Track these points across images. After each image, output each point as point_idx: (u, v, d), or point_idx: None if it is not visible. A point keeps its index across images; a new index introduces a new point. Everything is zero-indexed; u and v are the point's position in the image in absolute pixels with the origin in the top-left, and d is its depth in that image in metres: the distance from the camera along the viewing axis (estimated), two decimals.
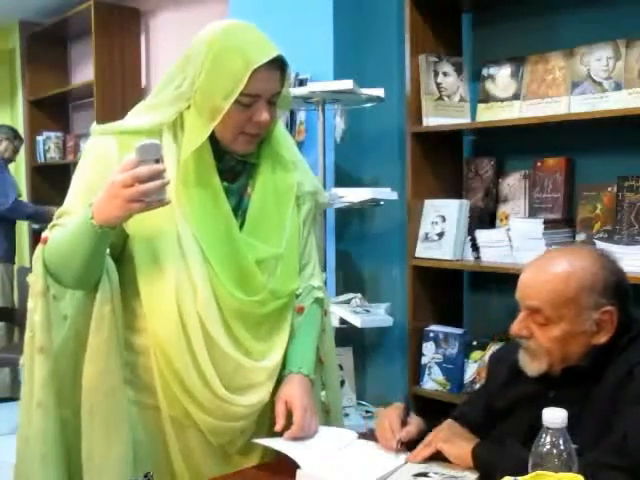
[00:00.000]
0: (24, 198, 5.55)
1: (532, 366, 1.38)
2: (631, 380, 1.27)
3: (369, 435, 1.53)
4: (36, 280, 1.39)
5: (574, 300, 1.33)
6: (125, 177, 1.26)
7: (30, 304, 1.40)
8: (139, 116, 1.49)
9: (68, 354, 1.43)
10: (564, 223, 2.35)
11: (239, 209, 1.50)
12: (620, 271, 1.40)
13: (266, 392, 1.50)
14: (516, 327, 1.39)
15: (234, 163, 1.50)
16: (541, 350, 1.36)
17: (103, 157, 1.43)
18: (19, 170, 5.66)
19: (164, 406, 1.45)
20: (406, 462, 1.38)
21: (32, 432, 1.39)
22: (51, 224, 1.42)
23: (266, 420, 1.53)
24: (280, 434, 1.46)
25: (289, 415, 1.47)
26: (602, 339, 1.34)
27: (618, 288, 1.37)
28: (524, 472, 1.03)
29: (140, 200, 1.27)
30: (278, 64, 1.42)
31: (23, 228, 5.62)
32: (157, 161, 1.27)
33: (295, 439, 1.44)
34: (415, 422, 1.47)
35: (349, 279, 3.10)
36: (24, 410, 1.41)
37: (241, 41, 1.40)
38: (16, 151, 4.91)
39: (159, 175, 1.27)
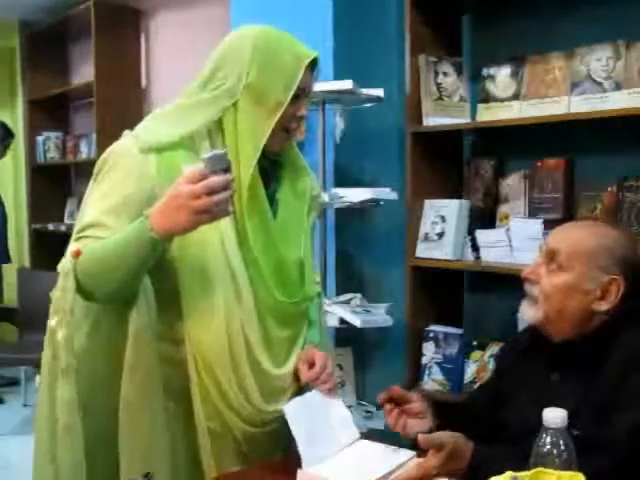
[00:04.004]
0: (23, 198, 5.55)
1: (529, 312, 1.43)
2: (633, 370, 1.29)
3: (369, 435, 1.53)
4: (64, 296, 1.33)
5: (591, 254, 1.38)
6: (196, 189, 1.23)
7: (52, 322, 1.34)
8: (173, 123, 1.44)
9: (87, 368, 1.39)
10: (564, 223, 2.35)
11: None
12: None
13: (290, 394, 1.53)
14: (528, 270, 1.45)
15: (267, 165, 1.50)
16: (542, 296, 1.40)
17: (143, 175, 1.38)
18: (19, 170, 5.67)
19: (200, 415, 1.43)
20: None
21: (60, 460, 1.34)
22: (77, 236, 1.36)
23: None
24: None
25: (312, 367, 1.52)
26: (602, 307, 1.37)
27: (634, 269, 1.40)
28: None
29: (209, 211, 1.25)
30: (312, 65, 1.49)
31: (23, 228, 5.62)
32: (225, 171, 1.26)
33: (311, 417, 1.44)
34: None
35: (349, 279, 3.10)
36: (44, 435, 1.36)
37: (285, 40, 1.47)
38: (7, 147, 4.88)
39: (229, 185, 1.26)
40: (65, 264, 1.34)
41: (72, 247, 1.34)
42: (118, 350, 1.38)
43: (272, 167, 1.53)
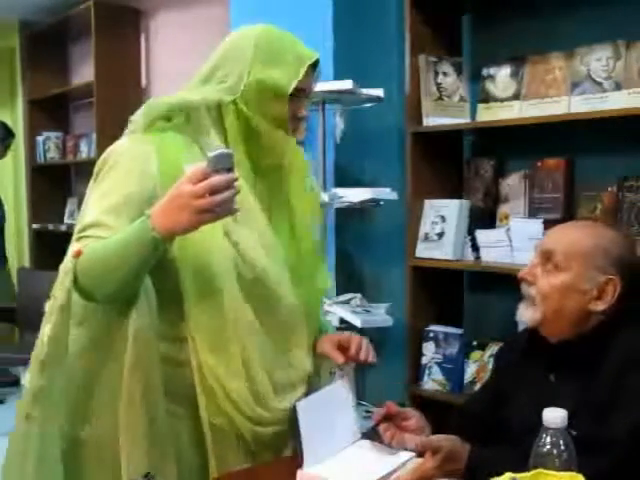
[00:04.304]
0: (23, 198, 5.55)
1: (527, 313, 1.43)
2: (630, 370, 1.29)
3: (370, 435, 1.53)
4: (60, 294, 1.33)
5: (587, 255, 1.38)
6: (198, 188, 1.22)
7: (46, 316, 1.34)
8: (170, 99, 1.45)
9: (82, 367, 1.39)
10: (564, 223, 2.35)
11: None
12: (638, 261, 1.45)
13: (301, 393, 1.52)
14: (524, 271, 1.45)
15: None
16: (539, 297, 1.40)
17: (144, 175, 1.37)
18: (19, 170, 5.66)
19: (205, 415, 1.42)
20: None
21: (16, 446, 1.36)
22: (78, 236, 1.35)
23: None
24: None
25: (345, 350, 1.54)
26: (599, 307, 1.38)
27: (631, 270, 1.40)
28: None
29: (211, 211, 1.24)
30: (313, 66, 1.49)
31: (23, 228, 5.62)
32: (229, 170, 1.24)
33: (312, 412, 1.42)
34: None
35: (349, 279, 3.10)
36: (16, 422, 1.37)
37: (287, 39, 1.48)
38: (7, 148, 4.86)
39: (232, 185, 1.25)
40: (66, 264, 1.33)
41: (73, 247, 1.33)
42: (118, 350, 1.37)
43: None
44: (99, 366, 1.39)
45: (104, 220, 1.34)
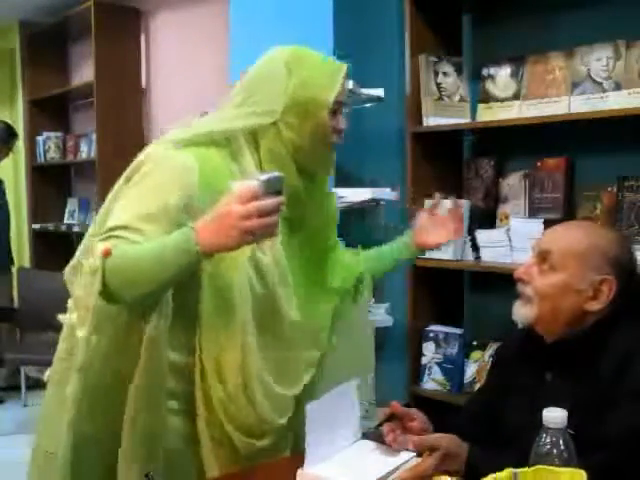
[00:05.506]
0: (23, 198, 5.55)
1: (523, 311, 1.44)
2: (625, 370, 1.29)
3: (370, 435, 1.53)
4: (89, 294, 1.30)
5: (584, 255, 1.38)
6: (248, 210, 1.21)
7: (73, 318, 1.33)
8: (209, 124, 1.45)
9: (98, 370, 1.37)
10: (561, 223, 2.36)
11: None
12: (636, 263, 1.45)
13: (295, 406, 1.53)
14: (520, 270, 1.46)
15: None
16: (535, 296, 1.41)
17: (185, 186, 1.35)
18: (19, 170, 5.66)
19: (203, 423, 1.43)
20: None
21: (60, 449, 1.36)
22: (106, 235, 1.31)
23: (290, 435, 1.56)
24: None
25: None
26: (594, 307, 1.38)
27: (627, 271, 1.40)
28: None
29: (255, 233, 1.23)
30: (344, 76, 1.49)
31: (23, 228, 5.62)
32: (278, 193, 1.24)
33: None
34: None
35: None
36: (47, 431, 1.39)
37: (316, 56, 1.48)
38: (10, 149, 4.83)
39: (280, 208, 1.24)
40: (94, 262, 1.29)
41: (101, 246, 1.29)
42: (129, 354, 1.36)
43: None
44: (121, 368, 1.38)
45: (137, 225, 1.31)
